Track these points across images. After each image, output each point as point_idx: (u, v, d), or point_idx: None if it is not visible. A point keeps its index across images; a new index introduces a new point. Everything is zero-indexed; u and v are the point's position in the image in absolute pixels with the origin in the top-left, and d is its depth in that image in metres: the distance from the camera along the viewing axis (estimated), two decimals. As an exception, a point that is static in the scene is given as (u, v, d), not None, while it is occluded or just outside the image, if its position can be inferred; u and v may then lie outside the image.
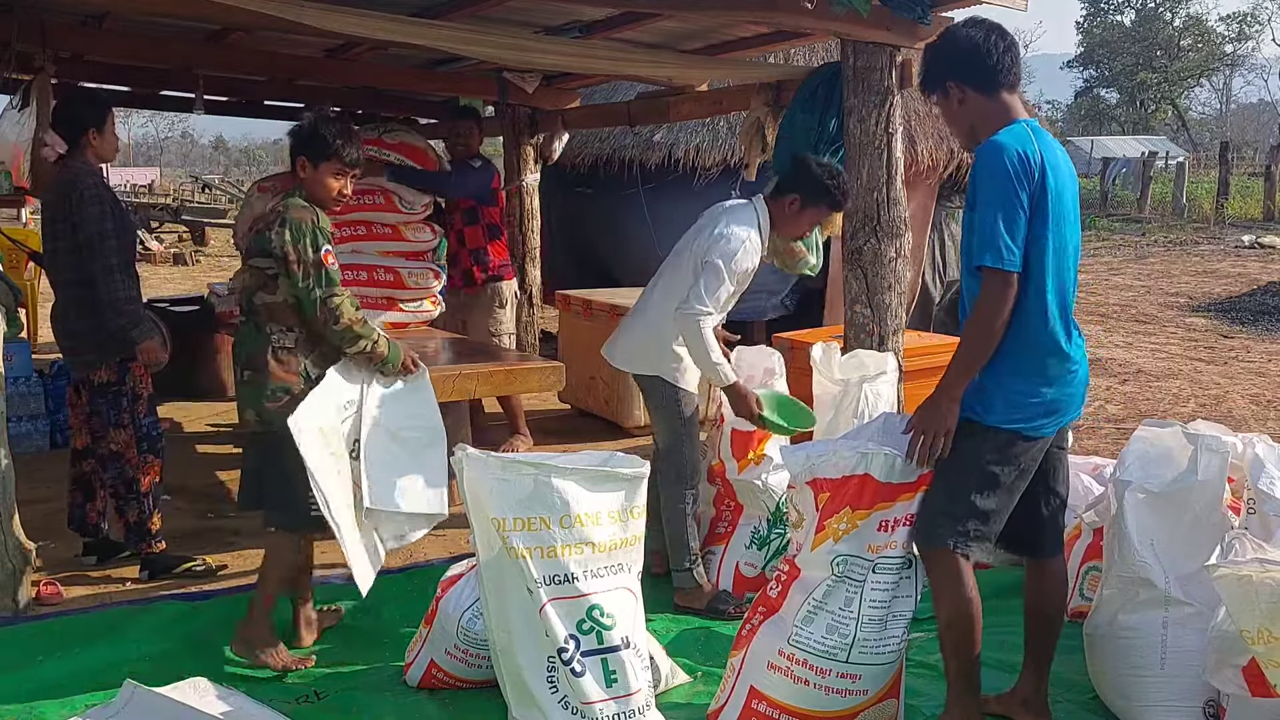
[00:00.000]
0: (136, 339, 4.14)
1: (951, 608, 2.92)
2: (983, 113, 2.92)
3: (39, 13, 4.77)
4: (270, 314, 3.52)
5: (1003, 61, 2.89)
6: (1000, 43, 2.89)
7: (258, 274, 3.51)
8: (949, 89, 2.95)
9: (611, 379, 6.58)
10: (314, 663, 3.61)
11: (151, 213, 19.85)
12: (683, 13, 4.55)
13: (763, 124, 5.18)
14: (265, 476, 3.60)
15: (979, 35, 2.91)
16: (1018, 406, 2.85)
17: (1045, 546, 3.14)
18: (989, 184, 2.78)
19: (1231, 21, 51.86)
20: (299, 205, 3.53)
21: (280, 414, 3.40)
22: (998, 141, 2.80)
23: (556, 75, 6.47)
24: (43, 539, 4.32)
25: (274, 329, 3.52)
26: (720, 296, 3.85)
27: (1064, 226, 2.84)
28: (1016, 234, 2.74)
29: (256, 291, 3.53)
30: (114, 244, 4.09)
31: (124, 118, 42.16)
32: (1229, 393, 7.98)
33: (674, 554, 4.11)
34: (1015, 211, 2.74)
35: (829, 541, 2.93)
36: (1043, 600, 3.17)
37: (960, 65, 2.93)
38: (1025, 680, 3.21)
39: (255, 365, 3.53)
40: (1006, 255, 2.74)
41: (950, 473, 2.91)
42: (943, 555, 2.90)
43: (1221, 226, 22.56)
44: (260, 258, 3.49)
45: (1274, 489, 3.15)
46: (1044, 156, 2.79)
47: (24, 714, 3.26)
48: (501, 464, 3.00)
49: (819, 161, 4.08)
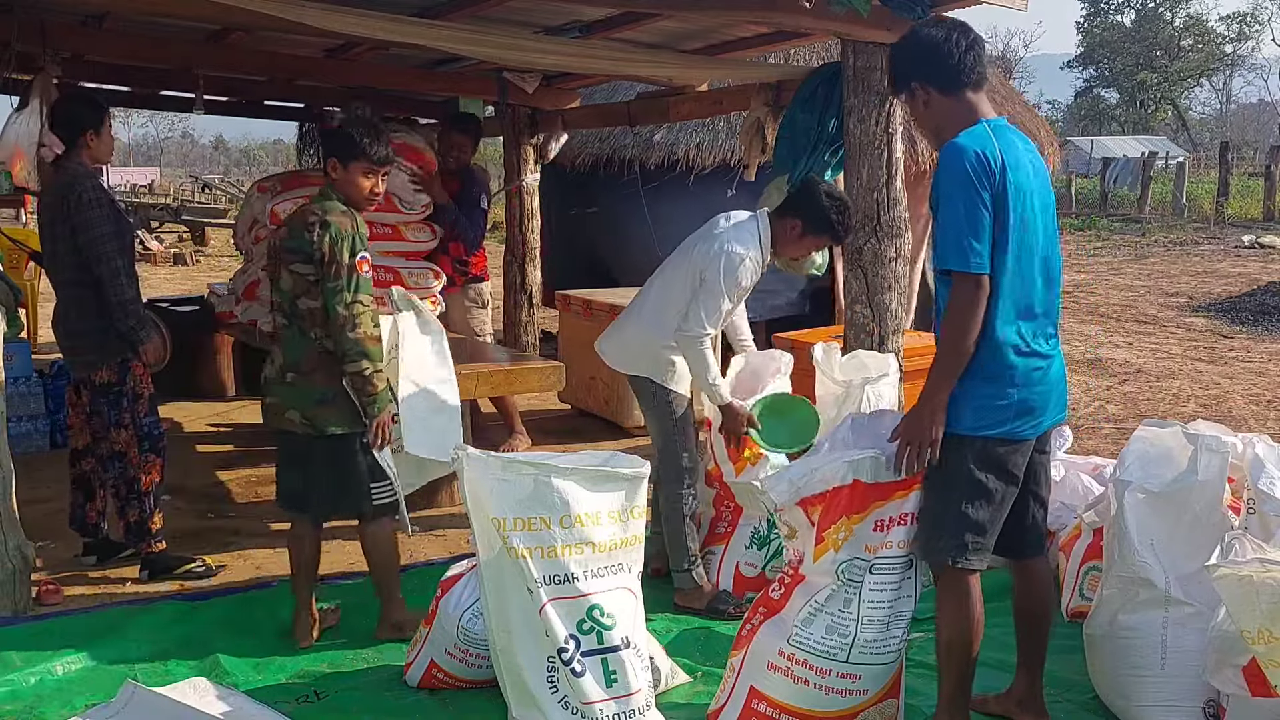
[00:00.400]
0: (144, 339, 4.17)
1: (953, 628, 2.91)
2: (947, 113, 2.88)
3: (39, 13, 4.76)
4: (313, 319, 3.56)
5: (965, 61, 2.85)
6: (962, 41, 2.85)
7: (301, 280, 3.55)
8: (914, 89, 2.92)
9: (611, 379, 6.58)
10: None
11: (151, 213, 19.86)
12: (683, 13, 4.55)
13: (763, 124, 5.17)
14: (311, 477, 3.69)
15: (940, 35, 2.87)
16: (985, 411, 2.82)
17: (1027, 547, 3.12)
18: (949, 187, 2.76)
19: (1231, 21, 51.91)
20: (338, 209, 3.58)
21: (328, 417, 3.57)
22: (956, 144, 2.78)
23: (556, 75, 6.46)
24: (43, 539, 4.33)
25: (319, 334, 3.57)
26: (720, 316, 3.89)
27: (1029, 224, 2.81)
28: (981, 235, 2.72)
29: (300, 297, 3.57)
30: (115, 245, 4.10)
31: (124, 118, 42.25)
32: (1229, 393, 7.98)
33: (673, 555, 4.11)
34: (977, 212, 2.72)
35: (830, 552, 2.93)
36: (1029, 600, 3.17)
37: (922, 65, 2.89)
38: (1020, 680, 3.21)
39: (302, 369, 3.59)
40: (973, 258, 2.72)
41: (939, 487, 2.90)
42: (951, 574, 2.89)
43: (1221, 226, 22.55)
44: (302, 263, 3.53)
45: (1274, 489, 3.14)
46: (1004, 156, 2.76)
47: (24, 714, 3.26)
48: (501, 464, 3.00)
49: (829, 191, 4.03)
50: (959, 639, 2.90)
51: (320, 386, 3.58)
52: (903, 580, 2.97)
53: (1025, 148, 2.88)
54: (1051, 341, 2.93)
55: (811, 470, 2.95)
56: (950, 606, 2.91)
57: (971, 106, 2.87)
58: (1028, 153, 2.87)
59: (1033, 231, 2.83)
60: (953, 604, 2.91)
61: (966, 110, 2.87)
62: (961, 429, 2.84)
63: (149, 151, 70.15)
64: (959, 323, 2.76)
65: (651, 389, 4.06)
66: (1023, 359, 2.83)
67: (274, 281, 3.69)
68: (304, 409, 3.59)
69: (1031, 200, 2.82)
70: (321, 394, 3.58)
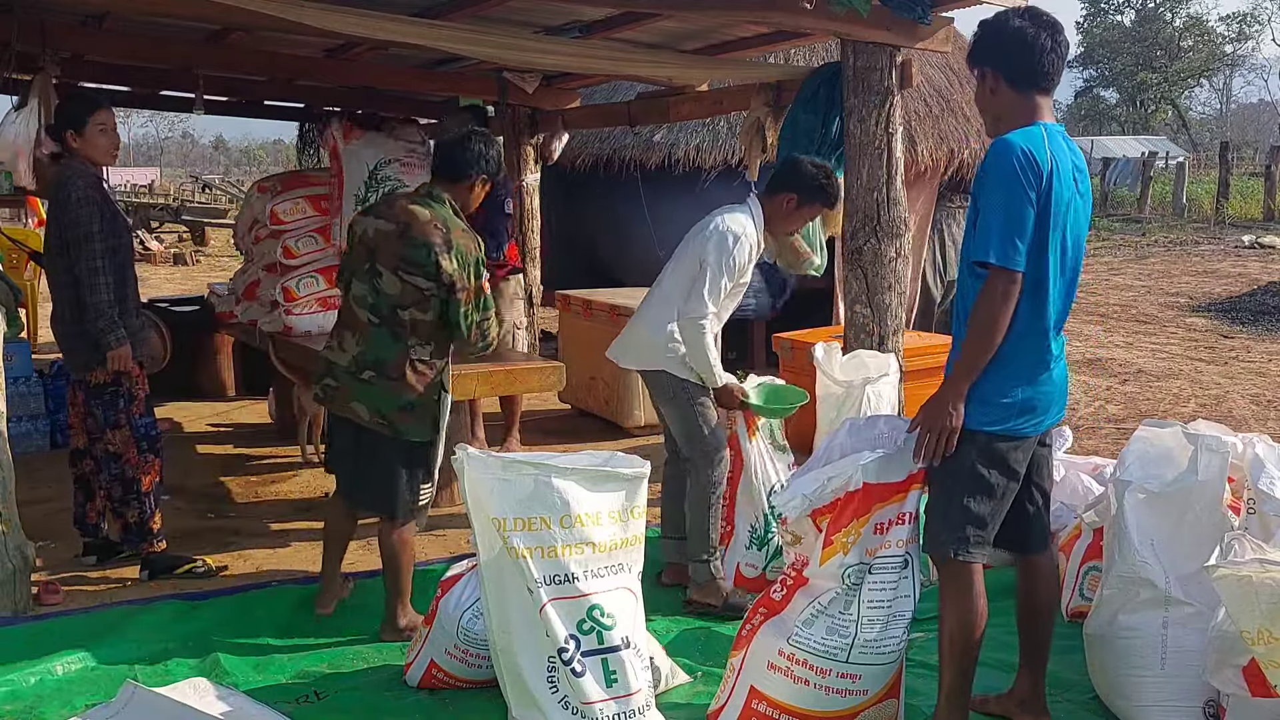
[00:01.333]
0: (112, 344, 4.09)
1: (957, 620, 2.91)
2: (1010, 107, 2.86)
3: (39, 13, 4.76)
4: (414, 328, 3.63)
5: (1045, 62, 2.81)
6: (1049, 41, 2.80)
7: (413, 291, 3.59)
8: (985, 74, 2.89)
9: (611, 379, 6.58)
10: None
11: (151, 213, 19.86)
12: (683, 13, 4.55)
13: (763, 124, 5.18)
14: (366, 473, 3.76)
15: (1031, 31, 2.81)
16: (990, 407, 2.83)
17: (1032, 543, 3.13)
18: (995, 181, 2.75)
19: (1231, 21, 51.87)
20: (460, 228, 3.64)
21: (410, 424, 3.65)
22: (1007, 140, 2.77)
23: (556, 75, 6.47)
24: (43, 539, 4.33)
25: (414, 341, 3.64)
26: (719, 294, 3.92)
27: (1063, 231, 2.82)
28: (1022, 233, 2.72)
29: (408, 307, 3.61)
30: (99, 246, 4.05)
31: (124, 118, 42.19)
32: (1229, 393, 7.98)
33: (693, 543, 4.09)
34: (1022, 210, 2.72)
35: (839, 555, 2.94)
36: (1034, 597, 3.18)
37: (1003, 54, 2.84)
38: (1022, 680, 3.21)
39: (388, 372, 3.63)
40: (1010, 253, 2.71)
41: (943, 480, 2.92)
42: (953, 566, 2.90)
43: (1221, 226, 22.54)
44: (420, 277, 3.56)
45: (1274, 489, 3.14)
46: (1055, 160, 2.76)
47: (24, 714, 3.26)
48: (502, 464, 3.00)
49: (812, 161, 4.15)
50: (961, 631, 2.91)
51: (405, 394, 3.64)
52: (900, 580, 2.97)
53: (1074, 156, 2.88)
54: (1060, 342, 2.95)
55: (825, 481, 2.95)
56: (952, 598, 2.92)
57: (1035, 108, 2.85)
58: (1075, 160, 2.87)
59: (1068, 238, 2.84)
60: (954, 596, 2.92)
61: (1030, 110, 2.85)
62: (967, 423, 2.85)
63: (149, 151, 70.11)
64: (988, 316, 2.76)
65: (666, 381, 4.06)
66: (1038, 361, 2.86)
67: (358, 272, 3.68)
68: (382, 410, 3.64)
69: (1071, 209, 2.83)
70: (406, 401, 3.64)
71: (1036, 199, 2.73)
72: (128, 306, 4.20)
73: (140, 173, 39.95)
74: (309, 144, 8.86)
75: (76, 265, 4.06)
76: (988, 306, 2.76)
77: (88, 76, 6.27)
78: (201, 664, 3.54)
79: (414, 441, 3.70)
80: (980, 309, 2.78)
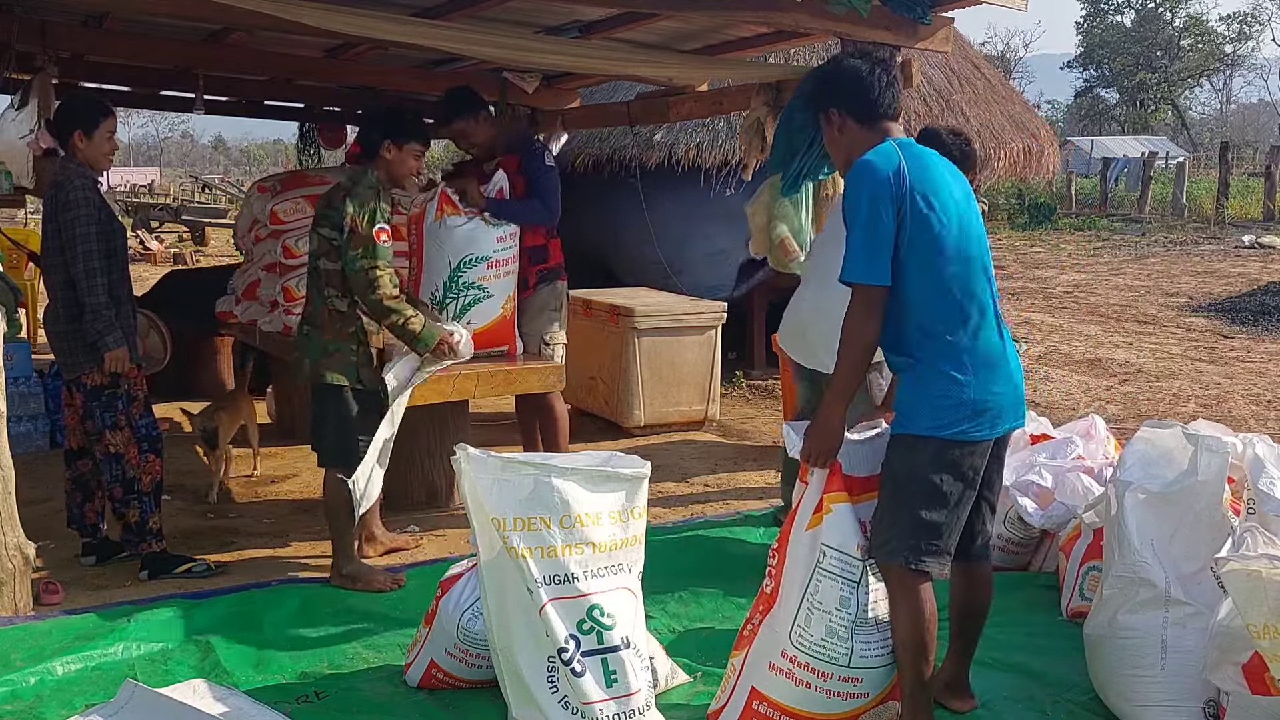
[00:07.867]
0: (109, 346, 4.09)
1: (907, 625, 2.89)
2: (859, 140, 2.99)
3: (39, 13, 4.77)
4: (328, 279, 4.01)
5: (884, 97, 2.99)
6: (884, 78, 3.00)
7: (323, 243, 3.99)
8: (830, 115, 3.05)
9: (611, 379, 6.58)
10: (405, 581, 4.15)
11: (151, 213, 19.88)
12: (683, 13, 4.55)
13: (763, 124, 5.17)
14: (313, 424, 4.13)
15: (865, 69, 3.01)
16: (940, 410, 2.83)
17: (973, 552, 3.11)
18: (852, 200, 2.85)
19: (1231, 21, 51.91)
20: (369, 184, 4.00)
21: (326, 369, 4.01)
22: (863, 160, 2.87)
23: (556, 75, 6.47)
24: (43, 539, 4.32)
25: (330, 293, 4.02)
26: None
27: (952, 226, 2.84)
28: (881, 248, 2.78)
29: (320, 258, 4.02)
30: (95, 248, 4.06)
31: (124, 118, 42.18)
32: (1229, 393, 7.98)
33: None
34: (878, 226, 2.78)
35: (819, 525, 2.93)
36: (970, 603, 3.18)
37: (844, 94, 3.02)
38: (948, 665, 3.21)
39: (316, 322, 4.07)
40: (867, 269, 2.79)
41: (894, 487, 2.91)
42: (897, 571, 2.89)
43: (1221, 226, 22.55)
44: (329, 229, 3.96)
45: (1274, 489, 3.14)
46: (908, 167, 2.82)
47: (24, 714, 3.26)
48: (502, 464, 3.00)
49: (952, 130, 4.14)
50: (912, 639, 2.89)
51: (326, 339, 4.03)
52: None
53: (935, 158, 2.95)
54: (1005, 337, 2.96)
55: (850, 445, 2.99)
56: (902, 605, 2.90)
57: (884, 131, 2.99)
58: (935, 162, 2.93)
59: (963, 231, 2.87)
60: (903, 602, 2.89)
61: (878, 136, 2.98)
62: (918, 429, 2.85)
63: (149, 151, 70.17)
64: (854, 332, 2.84)
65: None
66: (970, 355, 2.85)
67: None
68: (312, 357, 4.05)
69: (949, 202, 2.86)
70: (324, 346, 4.03)
71: (897, 209, 2.79)
72: (124, 309, 4.20)
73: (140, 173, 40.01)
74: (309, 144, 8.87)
75: (73, 266, 4.06)
76: (851, 323, 2.84)
77: (87, 76, 6.28)
78: (201, 664, 3.55)
79: (331, 385, 4.02)
80: (846, 327, 2.85)
